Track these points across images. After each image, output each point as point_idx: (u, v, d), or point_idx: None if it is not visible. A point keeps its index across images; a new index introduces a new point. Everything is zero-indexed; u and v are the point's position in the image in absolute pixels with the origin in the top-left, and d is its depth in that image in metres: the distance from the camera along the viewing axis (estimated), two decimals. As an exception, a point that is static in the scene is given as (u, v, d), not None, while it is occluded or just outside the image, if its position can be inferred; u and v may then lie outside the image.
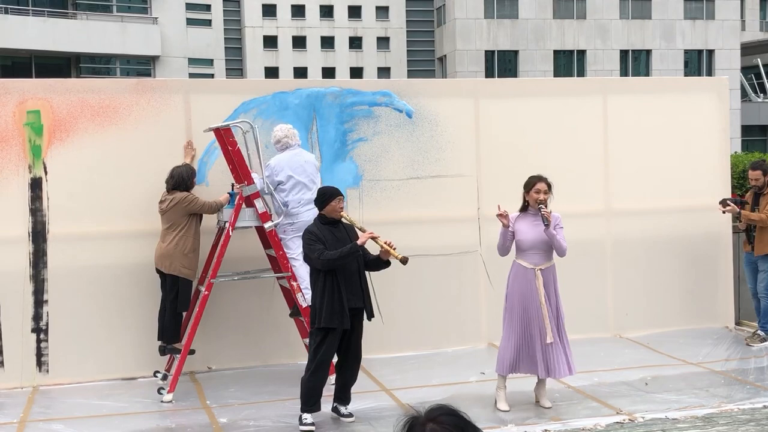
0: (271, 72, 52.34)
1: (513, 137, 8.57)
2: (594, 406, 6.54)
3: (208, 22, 39.95)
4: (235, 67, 51.56)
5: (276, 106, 7.94)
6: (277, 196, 7.22)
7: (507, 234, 6.47)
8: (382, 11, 54.78)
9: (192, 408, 6.76)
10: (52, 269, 7.46)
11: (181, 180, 7.17)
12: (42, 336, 7.46)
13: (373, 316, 6.29)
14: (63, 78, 23.65)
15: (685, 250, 9.04)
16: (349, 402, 6.41)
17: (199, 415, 6.57)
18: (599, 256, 8.84)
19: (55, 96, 7.50)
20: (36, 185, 7.45)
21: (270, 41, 53.79)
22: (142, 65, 36.71)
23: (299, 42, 54.12)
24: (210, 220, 7.45)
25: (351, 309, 6.10)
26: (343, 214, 6.26)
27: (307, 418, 6.13)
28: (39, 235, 7.44)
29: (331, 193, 6.20)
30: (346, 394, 6.38)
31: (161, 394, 6.97)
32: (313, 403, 6.15)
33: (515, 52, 42.45)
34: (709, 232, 9.08)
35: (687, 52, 43.51)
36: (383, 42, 54.60)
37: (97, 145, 7.56)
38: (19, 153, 7.41)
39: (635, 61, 43.40)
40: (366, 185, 8.20)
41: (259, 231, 7.30)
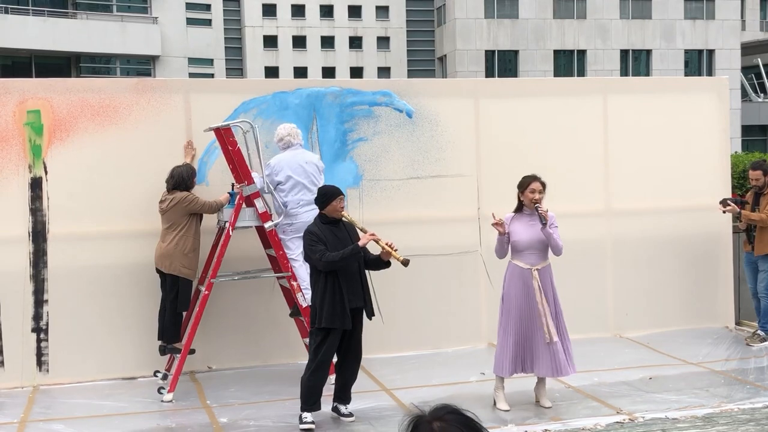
0: (271, 72, 52.34)
1: (513, 137, 8.57)
2: (594, 406, 6.55)
3: (208, 22, 39.96)
4: (235, 66, 51.56)
5: (276, 106, 7.95)
6: (277, 195, 7.22)
7: (503, 240, 6.48)
8: (382, 11, 54.77)
9: (192, 408, 6.76)
10: (53, 269, 7.46)
11: (181, 180, 7.17)
12: (42, 336, 7.46)
13: (373, 315, 6.29)
14: (63, 78, 23.65)
15: (685, 250, 9.04)
16: (350, 401, 6.41)
17: (200, 414, 6.57)
18: (599, 256, 8.84)
19: (56, 96, 7.50)
20: (36, 185, 7.45)
21: (270, 41, 53.79)
22: (142, 65, 36.73)
23: (299, 42, 54.12)
24: (210, 220, 7.45)
25: (351, 309, 6.10)
26: (344, 214, 6.27)
27: (307, 417, 6.13)
28: (39, 234, 7.44)
29: (332, 193, 6.20)
30: (346, 394, 6.38)
31: (161, 393, 6.97)
32: (313, 402, 6.15)
33: (515, 52, 42.46)
34: (709, 232, 9.08)
35: (687, 52, 43.51)
36: (383, 42, 54.60)
37: (98, 144, 7.56)
38: (19, 153, 7.41)
39: (635, 61, 43.40)
40: (366, 185, 8.20)
41: (259, 231, 7.30)
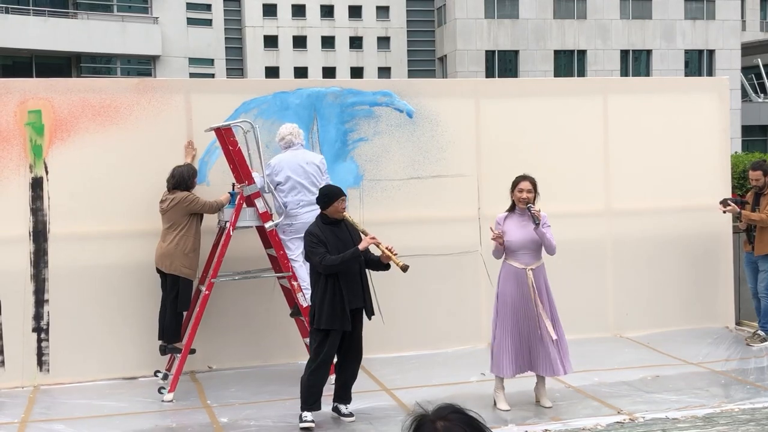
0: (272, 72, 52.34)
1: (513, 137, 8.57)
2: (594, 406, 6.55)
3: (208, 22, 39.97)
4: (235, 66, 51.57)
5: (277, 106, 7.95)
6: (277, 195, 7.23)
7: (500, 246, 6.49)
8: (383, 11, 54.77)
9: (193, 407, 6.77)
10: (53, 269, 7.46)
11: (182, 179, 7.17)
12: (43, 335, 7.46)
13: (373, 314, 6.30)
14: (64, 78, 23.67)
15: (685, 250, 9.04)
16: (350, 401, 6.41)
17: (200, 414, 6.58)
18: (599, 256, 8.84)
19: (57, 96, 7.51)
20: (37, 185, 7.46)
21: (270, 41, 53.79)
22: (142, 65, 36.74)
23: (300, 42, 54.12)
24: (211, 220, 7.45)
25: (351, 310, 6.11)
26: (346, 215, 6.26)
27: (307, 416, 6.14)
28: (40, 234, 7.45)
29: (334, 194, 6.20)
30: (346, 394, 6.38)
31: (162, 393, 6.97)
32: (313, 401, 6.15)
33: (516, 52, 42.46)
34: (709, 232, 9.08)
35: (687, 52, 43.51)
36: (384, 42, 54.60)
37: (98, 144, 7.57)
38: (20, 153, 7.42)
39: (636, 61, 43.40)
40: (367, 185, 8.21)
41: (260, 231, 7.31)
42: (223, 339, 7.85)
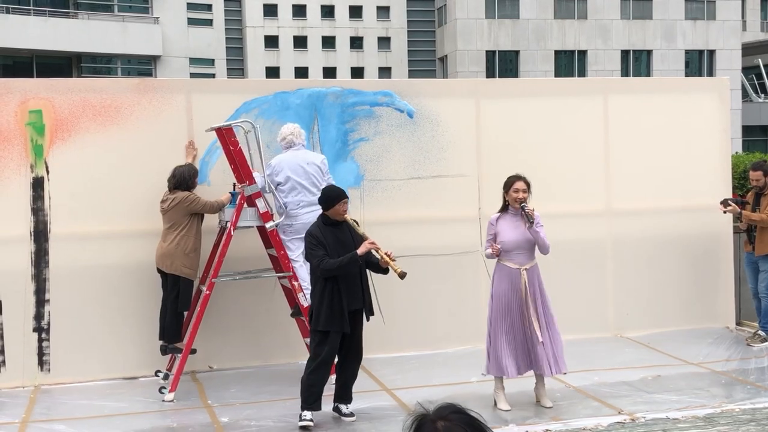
0: (272, 72, 52.32)
1: (514, 137, 8.57)
2: (595, 406, 6.55)
3: (209, 22, 39.97)
4: (236, 66, 51.55)
5: (277, 106, 7.96)
6: (278, 195, 7.23)
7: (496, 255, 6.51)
8: (383, 11, 54.75)
9: (193, 407, 6.77)
10: (54, 269, 7.47)
11: (183, 179, 7.18)
12: (44, 335, 7.47)
13: (372, 314, 6.30)
14: (64, 78, 23.67)
15: (686, 250, 9.04)
16: (351, 401, 6.41)
17: (201, 414, 6.58)
18: (600, 256, 8.84)
19: (57, 96, 7.51)
20: (38, 185, 7.46)
21: (271, 41, 53.77)
22: (143, 65, 36.74)
23: (300, 42, 54.11)
24: (211, 220, 7.46)
25: (351, 311, 6.11)
26: (347, 217, 6.25)
27: (306, 415, 6.14)
28: (41, 234, 7.45)
29: (336, 196, 6.19)
30: (347, 393, 6.39)
31: (163, 393, 6.97)
32: (312, 401, 6.15)
33: (516, 53, 42.45)
34: (709, 232, 9.08)
35: (688, 52, 43.50)
36: (384, 42, 54.57)
37: (99, 144, 7.57)
38: (21, 152, 7.43)
39: (636, 62, 43.39)
40: (367, 185, 8.21)
41: (261, 230, 7.31)
42: (224, 339, 7.86)
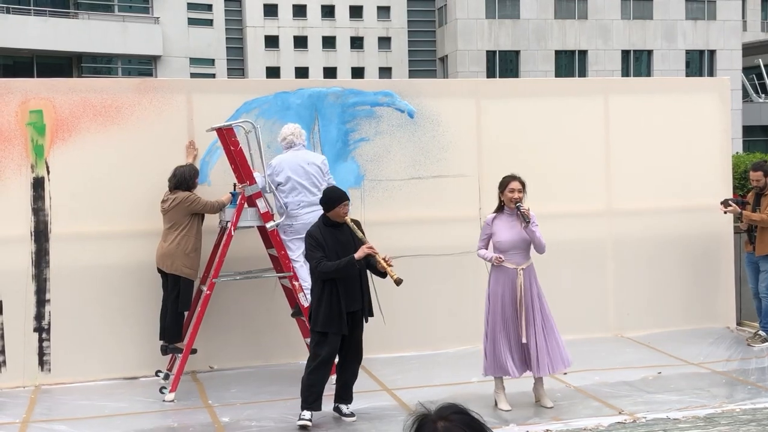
0: (273, 72, 52.33)
1: (514, 137, 8.57)
2: (595, 406, 6.55)
3: (209, 22, 39.95)
4: (236, 66, 51.56)
5: (278, 106, 7.96)
6: (278, 195, 7.23)
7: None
8: (384, 11, 54.75)
9: (194, 407, 6.77)
10: (55, 269, 7.47)
11: (183, 179, 7.18)
12: (44, 335, 7.47)
13: (371, 315, 6.30)
14: (64, 78, 23.67)
15: (686, 250, 9.04)
16: (351, 401, 6.42)
17: (201, 414, 6.58)
18: (600, 256, 8.84)
19: (58, 96, 7.51)
20: (38, 185, 7.46)
21: (271, 41, 53.78)
22: (143, 65, 36.72)
23: (300, 42, 54.12)
24: (212, 220, 7.46)
25: (350, 312, 6.11)
26: (347, 219, 6.24)
27: (305, 414, 6.15)
28: (41, 234, 7.45)
29: (337, 198, 6.18)
30: (347, 393, 6.39)
31: (163, 393, 6.97)
32: (312, 401, 6.15)
33: (516, 53, 42.44)
34: (710, 233, 9.08)
35: (688, 52, 43.48)
36: (384, 42, 54.58)
37: (100, 144, 7.57)
38: (21, 153, 7.43)
39: (636, 62, 43.38)
40: (368, 185, 8.21)
41: (261, 230, 7.31)
42: (225, 339, 7.86)
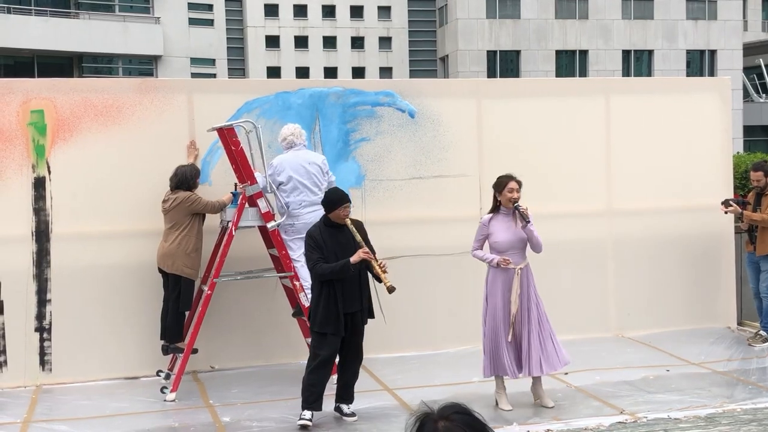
0: (273, 72, 52.34)
1: (515, 137, 8.57)
2: (596, 406, 6.55)
3: (210, 22, 39.95)
4: (237, 66, 51.57)
5: (279, 106, 7.96)
6: (279, 195, 7.24)
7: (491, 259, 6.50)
8: (384, 11, 54.76)
9: (195, 407, 6.78)
10: (56, 269, 7.47)
11: (185, 179, 7.18)
12: (45, 335, 7.47)
13: (372, 317, 6.30)
14: (65, 78, 23.68)
15: (687, 250, 9.04)
16: (352, 401, 6.42)
17: (202, 414, 6.59)
18: (601, 255, 8.84)
19: (59, 96, 7.52)
20: (39, 185, 7.47)
21: (272, 41, 53.80)
22: (144, 65, 36.72)
23: (301, 42, 54.13)
24: (213, 220, 7.46)
25: (349, 313, 6.11)
26: (347, 221, 6.24)
27: (306, 414, 6.15)
28: (42, 234, 7.46)
29: (338, 200, 6.17)
30: (348, 393, 6.39)
31: (164, 393, 6.98)
32: (313, 401, 6.16)
33: (517, 52, 42.44)
34: (711, 232, 9.08)
35: (689, 52, 43.48)
36: (385, 42, 54.59)
37: (101, 144, 7.58)
38: (22, 152, 7.43)
39: (637, 62, 43.37)
40: (369, 185, 8.21)
41: (262, 230, 7.32)
42: (226, 339, 7.86)
